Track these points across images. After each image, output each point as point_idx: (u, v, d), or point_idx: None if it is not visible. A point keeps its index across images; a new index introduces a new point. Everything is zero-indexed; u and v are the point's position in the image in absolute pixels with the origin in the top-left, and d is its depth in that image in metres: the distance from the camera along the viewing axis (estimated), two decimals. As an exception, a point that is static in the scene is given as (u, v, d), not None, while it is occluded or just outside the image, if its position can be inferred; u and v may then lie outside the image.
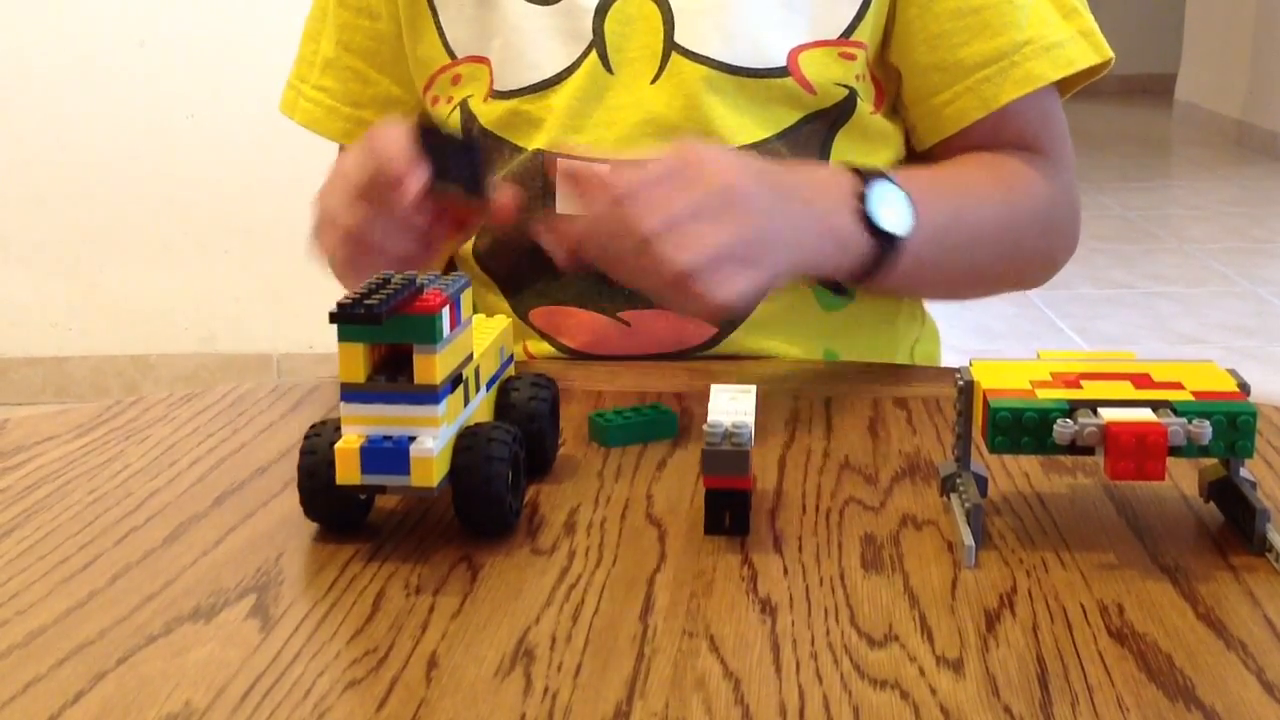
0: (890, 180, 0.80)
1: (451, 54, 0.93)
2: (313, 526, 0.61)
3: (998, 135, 0.90)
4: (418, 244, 0.75)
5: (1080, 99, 0.94)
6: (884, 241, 0.78)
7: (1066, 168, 0.93)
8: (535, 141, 0.89)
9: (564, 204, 0.74)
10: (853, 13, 0.87)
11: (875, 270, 0.79)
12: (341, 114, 0.99)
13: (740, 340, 0.89)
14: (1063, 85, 0.92)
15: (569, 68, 0.88)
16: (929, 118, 0.91)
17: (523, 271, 0.90)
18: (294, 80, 1.01)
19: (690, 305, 0.70)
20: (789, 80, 0.86)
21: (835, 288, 0.88)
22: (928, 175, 0.88)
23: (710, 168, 0.71)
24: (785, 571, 0.56)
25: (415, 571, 0.57)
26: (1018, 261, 0.93)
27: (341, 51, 0.98)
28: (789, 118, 0.87)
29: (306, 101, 1.00)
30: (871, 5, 0.87)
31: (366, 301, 0.54)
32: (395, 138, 0.71)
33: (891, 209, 0.79)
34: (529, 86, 0.89)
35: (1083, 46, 0.88)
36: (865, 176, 0.79)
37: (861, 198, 0.78)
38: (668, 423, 0.72)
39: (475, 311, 0.93)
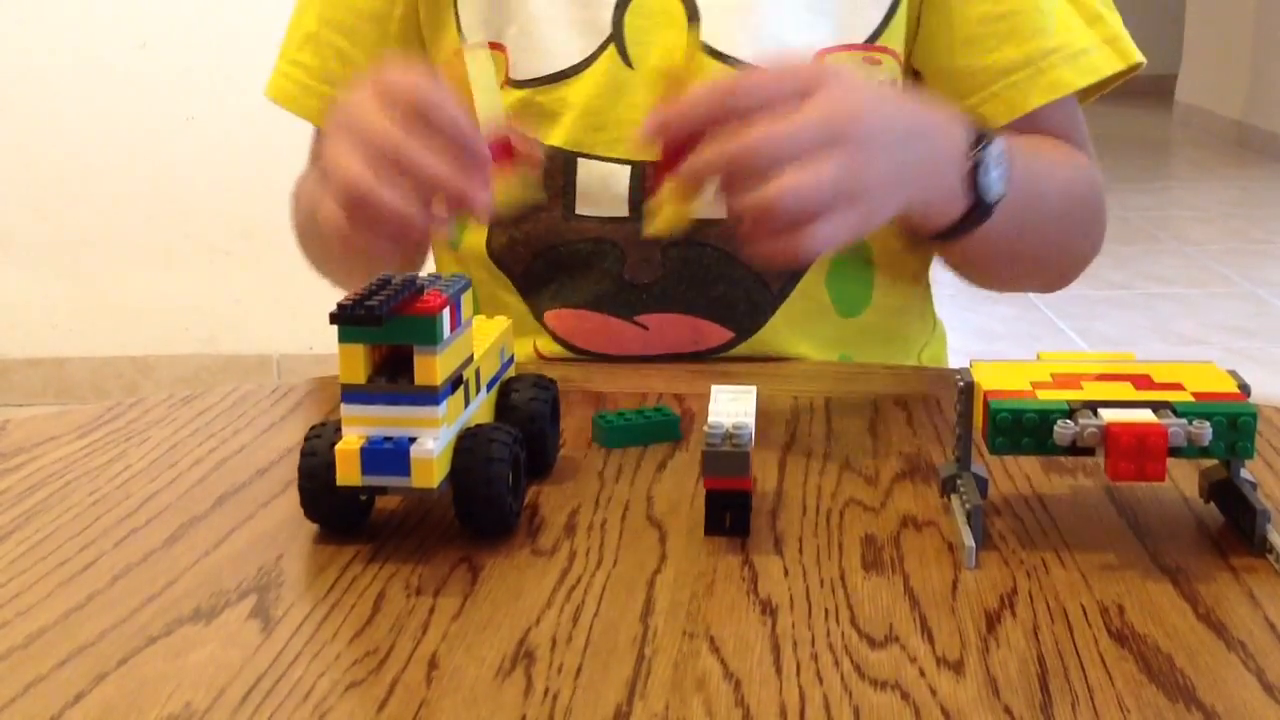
0: (999, 142, 0.76)
1: (464, 39, 0.91)
2: (313, 527, 0.61)
3: None
4: (421, 216, 0.66)
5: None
6: (980, 205, 0.75)
7: (1095, 167, 0.93)
8: (552, 137, 0.88)
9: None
10: (879, 17, 0.87)
11: (961, 230, 0.76)
12: (316, 92, 0.95)
13: (757, 344, 0.88)
14: (1087, 89, 0.93)
15: (585, 60, 0.87)
16: None
17: (538, 272, 0.89)
18: (277, 59, 0.98)
19: (781, 245, 0.64)
20: None
21: (912, 242, 0.84)
22: (1021, 143, 0.83)
23: (836, 90, 0.66)
24: (786, 572, 0.56)
25: (416, 572, 0.57)
26: (1070, 245, 0.92)
27: (322, 26, 0.95)
28: None
29: (280, 77, 0.96)
30: (898, 11, 0.87)
31: (367, 302, 0.54)
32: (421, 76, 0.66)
33: (994, 172, 0.76)
34: (544, 77, 0.88)
35: (1108, 54, 0.88)
36: (979, 134, 0.76)
37: (975, 159, 0.74)
38: (671, 425, 0.72)
39: (482, 310, 0.93)
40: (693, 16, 0.86)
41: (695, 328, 0.87)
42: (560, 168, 0.87)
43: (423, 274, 0.61)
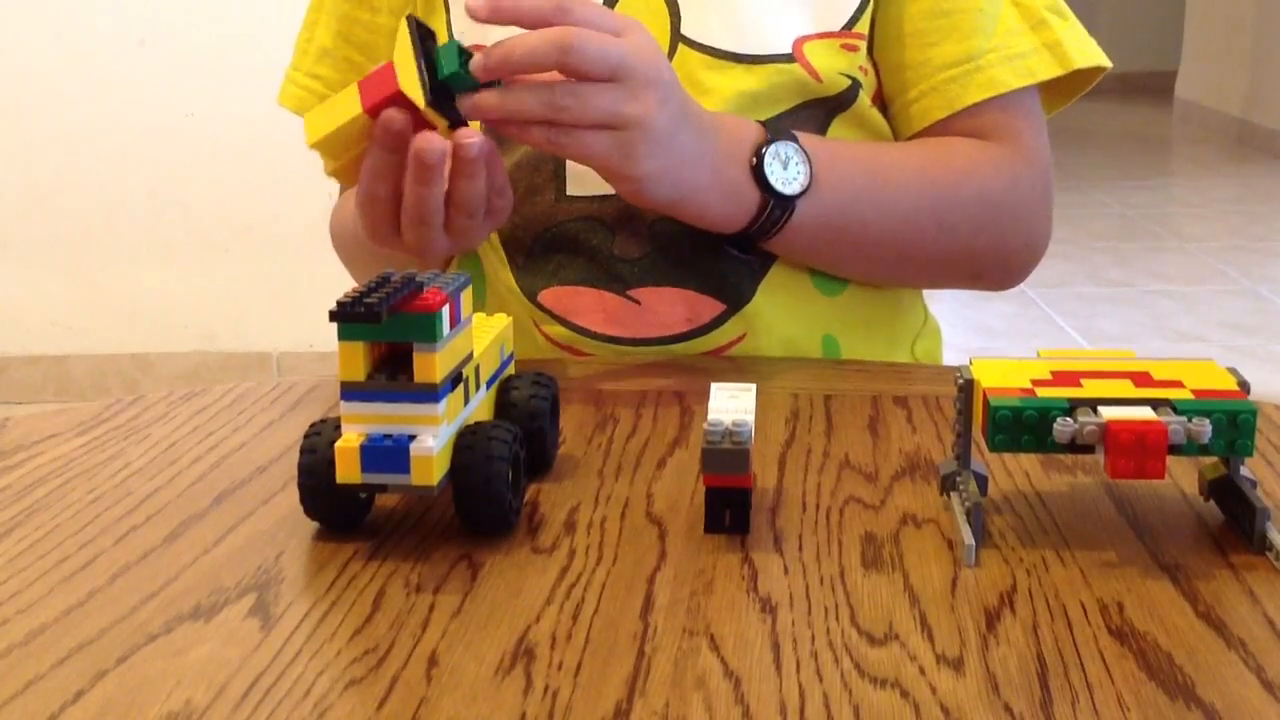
0: (794, 142, 0.82)
1: None
2: (313, 525, 0.61)
3: (965, 134, 0.91)
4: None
5: (1080, 97, 0.94)
6: (775, 200, 0.81)
7: (1034, 166, 0.92)
8: None
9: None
10: (855, 4, 0.88)
11: (767, 230, 0.82)
12: None
13: (746, 321, 0.89)
14: (1066, 89, 0.93)
15: None
16: (900, 114, 0.92)
17: (536, 254, 0.91)
18: (289, 70, 1.02)
19: (567, 148, 0.73)
20: (795, 67, 0.87)
21: (738, 246, 0.87)
22: (846, 145, 0.88)
23: (645, 39, 0.73)
24: (785, 570, 0.56)
25: (415, 570, 0.57)
26: (955, 246, 0.91)
27: (341, 43, 0.99)
28: (792, 101, 0.88)
29: (298, 89, 1.01)
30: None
31: (366, 300, 0.54)
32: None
33: (787, 169, 0.81)
34: None
35: (1045, 59, 0.90)
36: (770, 134, 0.81)
37: (758, 154, 0.80)
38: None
39: (483, 289, 0.94)
40: (674, 11, 0.88)
41: (688, 301, 0.88)
42: (550, 155, 0.88)
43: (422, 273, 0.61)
